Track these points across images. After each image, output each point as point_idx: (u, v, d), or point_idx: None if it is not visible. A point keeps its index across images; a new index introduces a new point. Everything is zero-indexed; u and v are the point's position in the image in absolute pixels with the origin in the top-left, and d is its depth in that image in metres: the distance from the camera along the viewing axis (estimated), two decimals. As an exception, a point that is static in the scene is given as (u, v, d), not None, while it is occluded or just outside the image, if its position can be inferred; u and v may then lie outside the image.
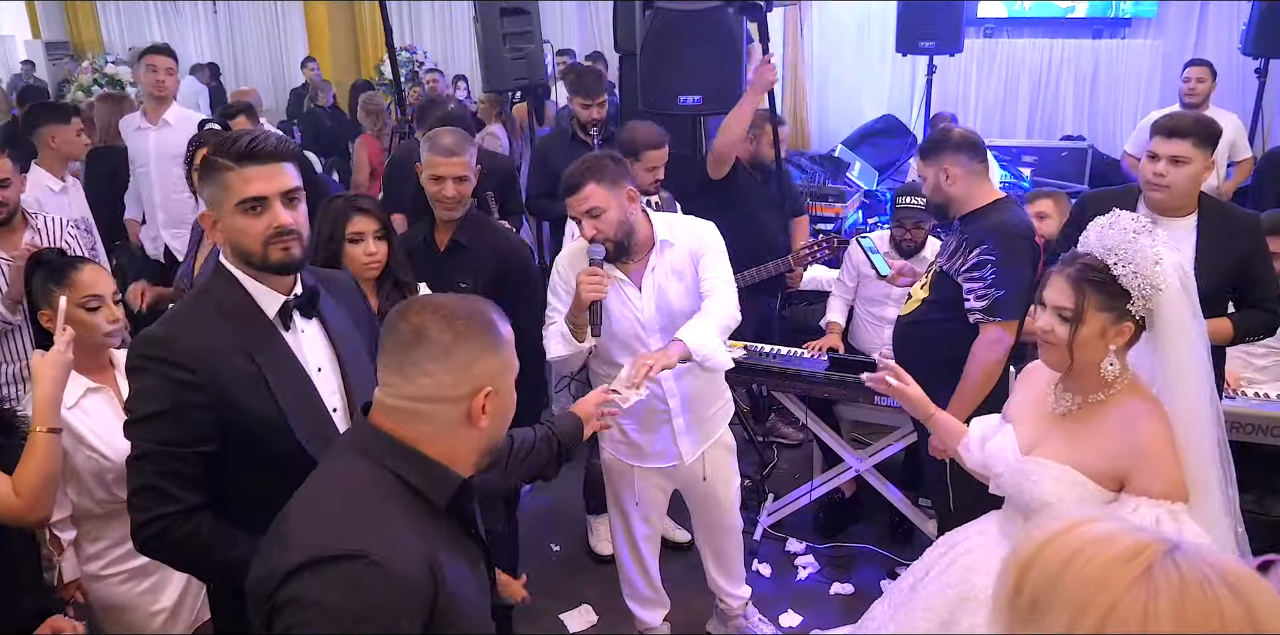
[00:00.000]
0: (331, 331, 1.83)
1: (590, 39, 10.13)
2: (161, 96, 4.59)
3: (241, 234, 1.69)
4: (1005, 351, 2.82)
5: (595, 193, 2.53)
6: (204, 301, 1.74)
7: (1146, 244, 1.82)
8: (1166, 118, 2.87)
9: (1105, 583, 0.85)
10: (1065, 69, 8.25)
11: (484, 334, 1.38)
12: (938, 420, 2.27)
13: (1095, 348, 1.86)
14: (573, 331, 2.55)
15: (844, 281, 4.07)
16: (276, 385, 1.70)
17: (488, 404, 1.38)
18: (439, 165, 2.85)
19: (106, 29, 13.07)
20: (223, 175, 1.67)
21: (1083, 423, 1.94)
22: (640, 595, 3.05)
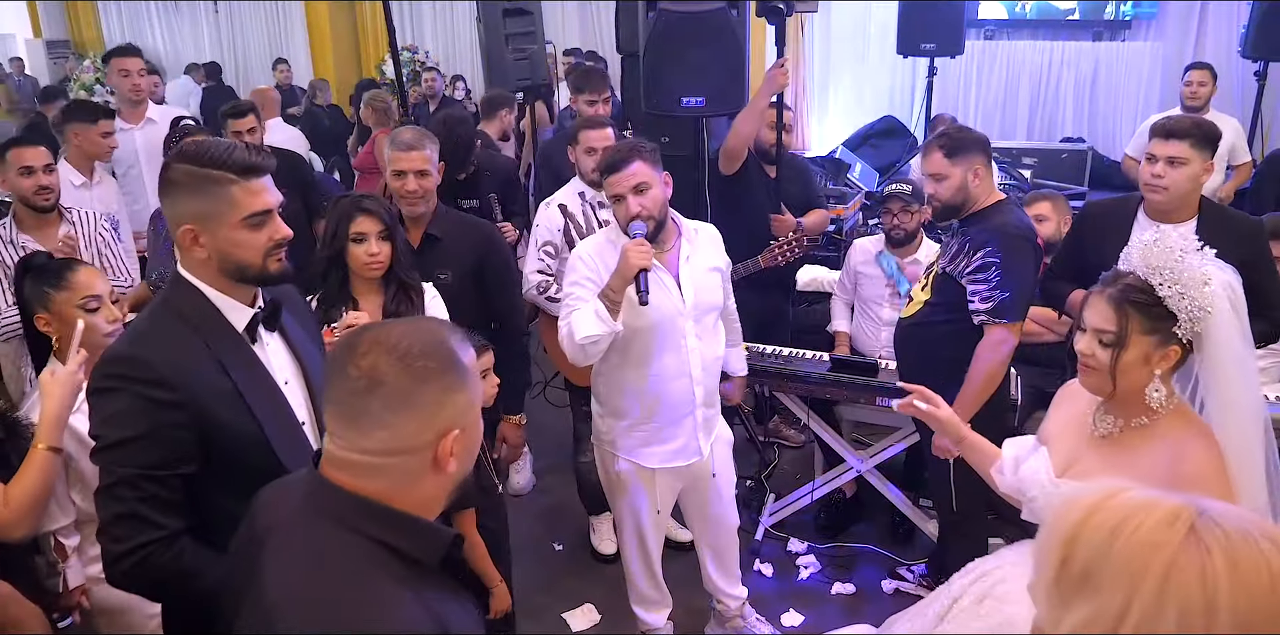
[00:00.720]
0: (293, 343, 1.81)
1: (591, 39, 10.15)
2: (139, 100, 4.57)
3: (242, 247, 1.65)
4: (1009, 353, 2.83)
5: (642, 169, 2.55)
6: (167, 316, 1.67)
7: (1195, 263, 1.70)
8: (1164, 119, 2.89)
9: (1158, 546, 0.86)
10: (1065, 71, 8.29)
11: (447, 372, 1.22)
12: (970, 443, 2.13)
13: (1139, 373, 1.74)
14: (609, 310, 2.51)
15: (844, 284, 4.08)
16: (253, 400, 1.67)
17: (455, 446, 1.24)
18: (399, 160, 2.91)
19: (107, 28, 13.09)
20: (225, 189, 1.61)
21: (1125, 447, 1.81)
22: (646, 598, 3.06)
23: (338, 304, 2.62)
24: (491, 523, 2.62)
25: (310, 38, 11.94)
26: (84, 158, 4.06)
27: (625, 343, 2.65)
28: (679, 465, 2.83)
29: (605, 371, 2.78)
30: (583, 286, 2.63)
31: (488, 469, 2.59)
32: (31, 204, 3.24)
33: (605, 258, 2.63)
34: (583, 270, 2.66)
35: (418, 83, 10.28)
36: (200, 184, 1.62)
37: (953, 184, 2.86)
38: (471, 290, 3.03)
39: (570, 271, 2.71)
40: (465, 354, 1.26)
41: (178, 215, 1.64)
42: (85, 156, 4.06)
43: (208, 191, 1.62)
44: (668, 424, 2.77)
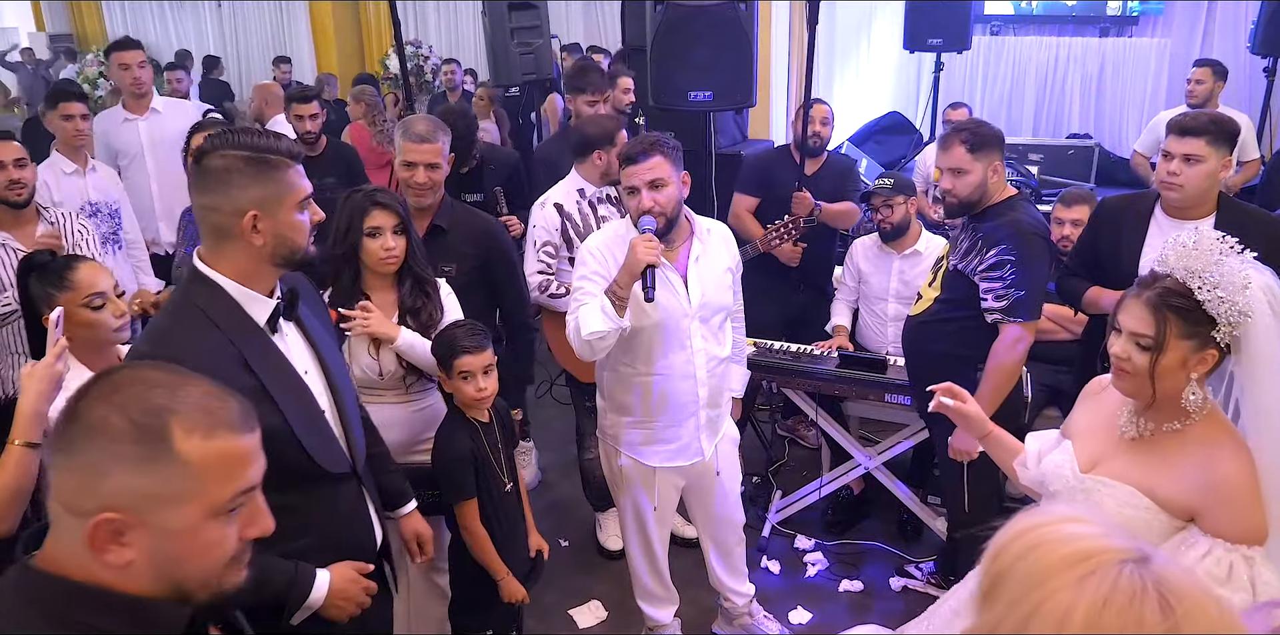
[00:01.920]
0: (309, 332, 1.82)
1: (596, 34, 10.12)
2: (143, 93, 4.52)
3: (299, 231, 1.69)
4: (1025, 351, 2.81)
5: (661, 164, 2.52)
6: (189, 313, 1.67)
7: (1234, 266, 1.66)
8: (1181, 116, 2.85)
9: (1044, 580, 0.87)
10: (1072, 67, 8.25)
11: (122, 439, 1.01)
12: (994, 438, 2.10)
13: (1176, 377, 1.71)
14: (615, 306, 2.49)
15: (846, 282, 4.06)
16: (278, 395, 1.68)
17: (125, 536, 1.01)
18: (410, 151, 2.87)
19: (110, 22, 13.06)
20: (283, 173, 1.65)
21: (1155, 450, 1.78)
22: (651, 594, 3.05)
23: (351, 300, 2.60)
24: (502, 521, 2.61)
25: (314, 33, 11.91)
26: (65, 144, 4.00)
27: (630, 340, 2.63)
28: (680, 465, 2.81)
29: (610, 367, 2.76)
30: (591, 281, 2.60)
31: (496, 468, 2.58)
32: (4, 200, 3.18)
33: (615, 252, 2.61)
34: (592, 264, 2.64)
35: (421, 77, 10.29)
36: (262, 168, 1.64)
37: (972, 180, 2.82)
38: (476, 283, 3.01)
39: (580, 265, 2.68)
40: (193, 440, 1.03)
41: (239, 202, 1.64)
42: (63, 143, 4.00)
43: (269, 176, 1.65)
44: (671, 424, 2.75)
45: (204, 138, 1.72)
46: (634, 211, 2.57)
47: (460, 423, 2.54)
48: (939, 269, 3.07)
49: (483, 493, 2.54)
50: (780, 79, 8.69)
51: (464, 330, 2.50)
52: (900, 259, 3.82)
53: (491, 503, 2.56)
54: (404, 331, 2.56)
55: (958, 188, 2.85)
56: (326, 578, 1.75)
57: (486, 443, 2.56)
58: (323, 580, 1.74)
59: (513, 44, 5.00)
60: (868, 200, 3.86)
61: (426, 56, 10.69)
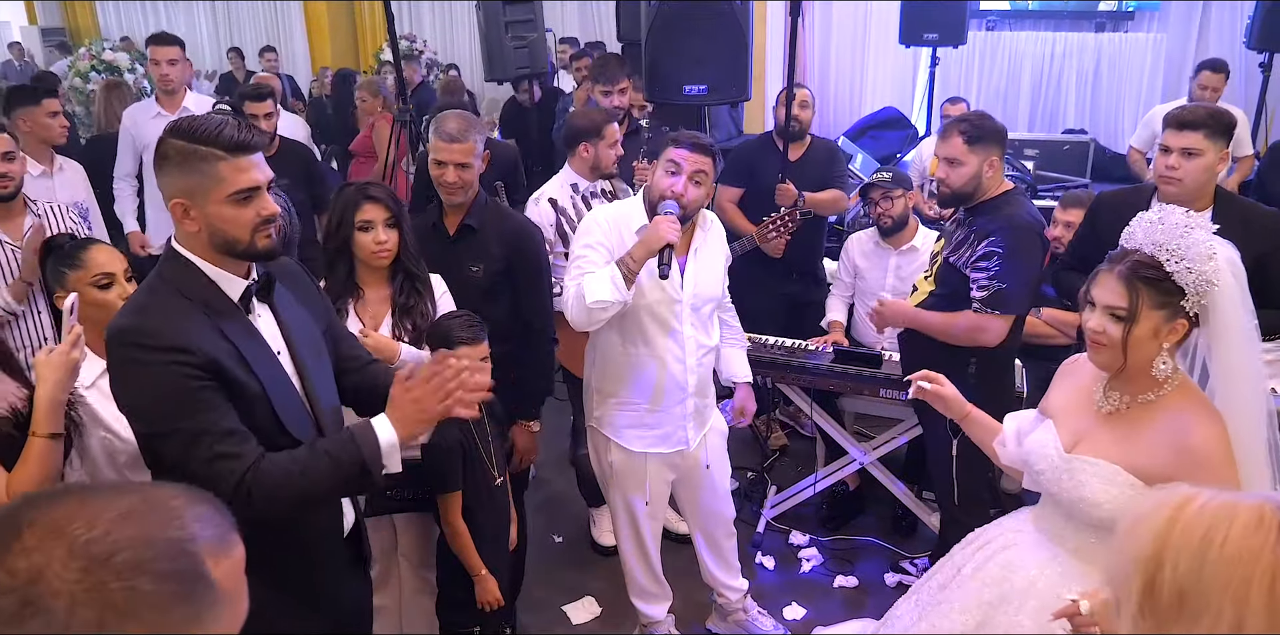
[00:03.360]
0: (281, 317, 1.84)
1: (591, 28, 10.09)
2: (170, 90, 4.50)
3: (230, 223, 1.68)
4: (983, 340, 2.80)
5: (709, 165, 2.59)
6: (163, 289, 1.71)
7: (1200, 238, 1.74)
8: (1178, 110, 2.84)
9: (1254, 553, 0.83)
10: (1068, 62, 8.24)
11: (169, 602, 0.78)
12: (973, 419, 2.19)
13: (1148, 347, 1.79)
14: (625, 278, 2.49)
15: (841, 278, 4.04)
16: (255, 362, 1.72)
17: None
18: (440, 150, 2.83)
19: (103, 15, 13.00)
20: (212, 165, 1.64)
21: (1131, 422, 1.86)
22: (644, 590, 3.04)
23: (344, 296, 2.58)
24: (489, 516, 2.59)
25: (308, 28, 11.87)
26: (37, 144, 3.88)
27: (623, 320, 2.64)
28: (664, 451, 2.81)
29: (601, 347, 2.77)
30: (595, 250, 2.61)
31: (486, 463, 2.56)
32: None
33: (621, 227, 2.63)
34: (597, 234, 2.64)
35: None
36: (189, 159, 1.64)
37: (966, 172, 2.82)
38: (503, 285, 2.90)
39: (584, 234, 2.67)
40: (222, 563, 0.82)
41: (169, 189, 1.68)
42: (39, 142, 3.90)
43: (195, 167, 1.65)
44: (657, 409, 2.75)
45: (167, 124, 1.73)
46: (662, 189, 2.57)
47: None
48: (935, 262, 3.06)
49: (471, 485, 2.52)
50: (775, 73, 8.69)
51: (460, 321, 2.49)
52: (897, 255, 3.80)
53: (479, 496, 2.55)
54: (403, 349, 2.53)
55: (951, 178, 2.85)
56: (382, 418, 1.72)
57: (476, 434, 2.54)
58: (380, 421, 1.71)
59: (507, 38, 4.97)
60: (866, 194, 3.84)
61: (420, 51, 10.65)
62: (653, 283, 2.58)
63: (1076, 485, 1.87)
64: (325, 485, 1.69)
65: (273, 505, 1.65)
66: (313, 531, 1.87)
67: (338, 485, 1.71)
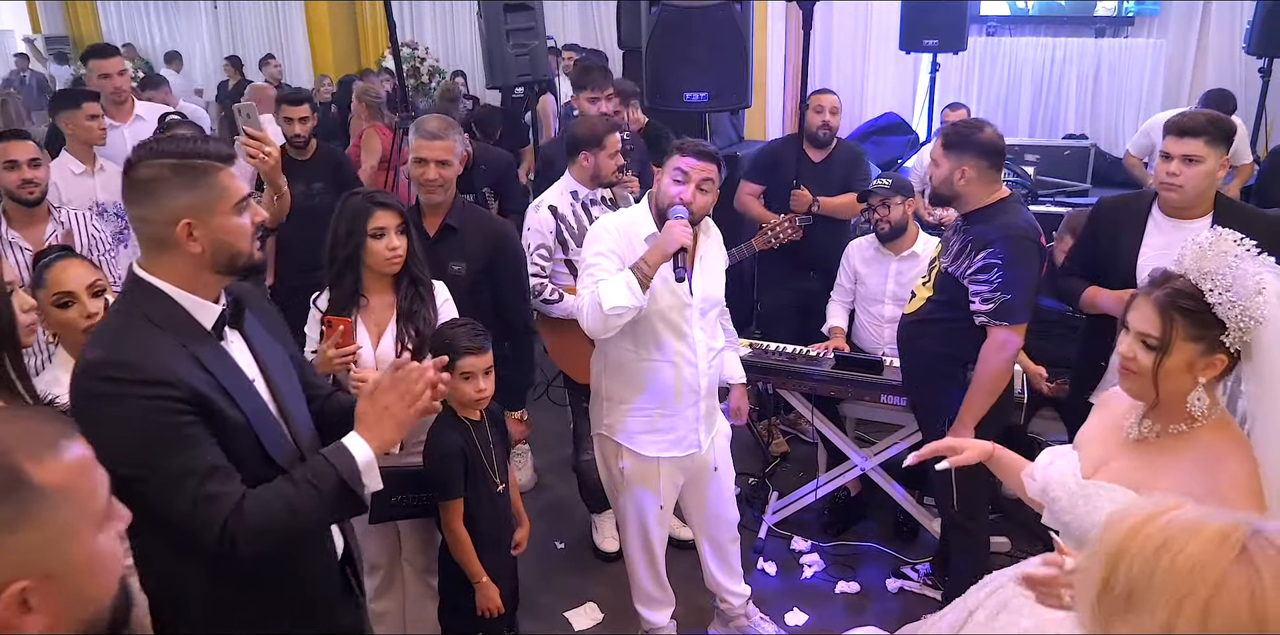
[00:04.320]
0: (253, 343, 1.79)
1: (592, 35, 10.12)
2: (121, 101, 4.51)
3: (238, 235, 1.65)
4: (1013, 354, 2.81)
5: (715, 172, 2.62)
6: (132, 318, 1.62)
7: (1250, 270, 1.62)
8: (1178, 116, 2.85)
9: (1204, 566, 0.84)
10: (1068, 68, 8.24)
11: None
12: (997, 457, 2.05)
13: (1181, 380, 1.68)
14: (640, 284, 2.51)
15: (842, 284, 4.04)
16: (235, 392, 1.65)
17: (34, 597, 0.93)
18: (422, 148, 2.91)
19: (106, 24, 13.05)
20: (214, 177, 1.61)
21: (1160, 452, 1.75)
22: (650, 597, 3.04)
23: (350, 304, 2.59)
24: (491, 523, 2.60)
25: (310, 34, 11.90)
26: (80, 145, 4.01)
27: (634, 326, 2.65)
28: (677, 455, 2.82)
29: (611, 354, 2.77)
30: (607, 258, 2.63)
31: (488, 470, 2.57)
32: (17, 198, 3.22)
33: (630, 235, 2.65)
34: (608, 241, 2.66)
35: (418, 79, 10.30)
36: (189, 175, 1.60)
37: (940, 174, 2.87)
38: (484, 284, 3.02)
39: (594, 242, 2.69)
40: (46, 467, 0.96)
41: (169, 210, 1.59)
42: (80, 143, 4.01)
43: (199, 181, 1.60)
44: (670, 413, 2.77)
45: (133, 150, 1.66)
46: (670, 197, 2.59)
47: (452, 421, 2.53)
48: (933, 268, 3.07)
49: (472, 492, 2.53)
50: (776, 79, 8.71)
51: (465, 331, 2.50)
52: (897, 261, 3.80)
53: (480, 503, 2.56)
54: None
55: (933, 176, 2.92)
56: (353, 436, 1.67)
57: (478, 441, 2.55)
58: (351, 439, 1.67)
59: (508, 45, 4.99)
60: (865, 200, 3.85)
61: (423, 58, 10.69)
62: (664, 288, 2.61)
63: (1091, 511, 1.78)
64: (313, 516, 1.64)
65: (257, 546, 1.59)
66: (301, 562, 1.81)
67: (325, 513, 1.66)
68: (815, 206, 4.07)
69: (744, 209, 4.51)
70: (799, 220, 3.85)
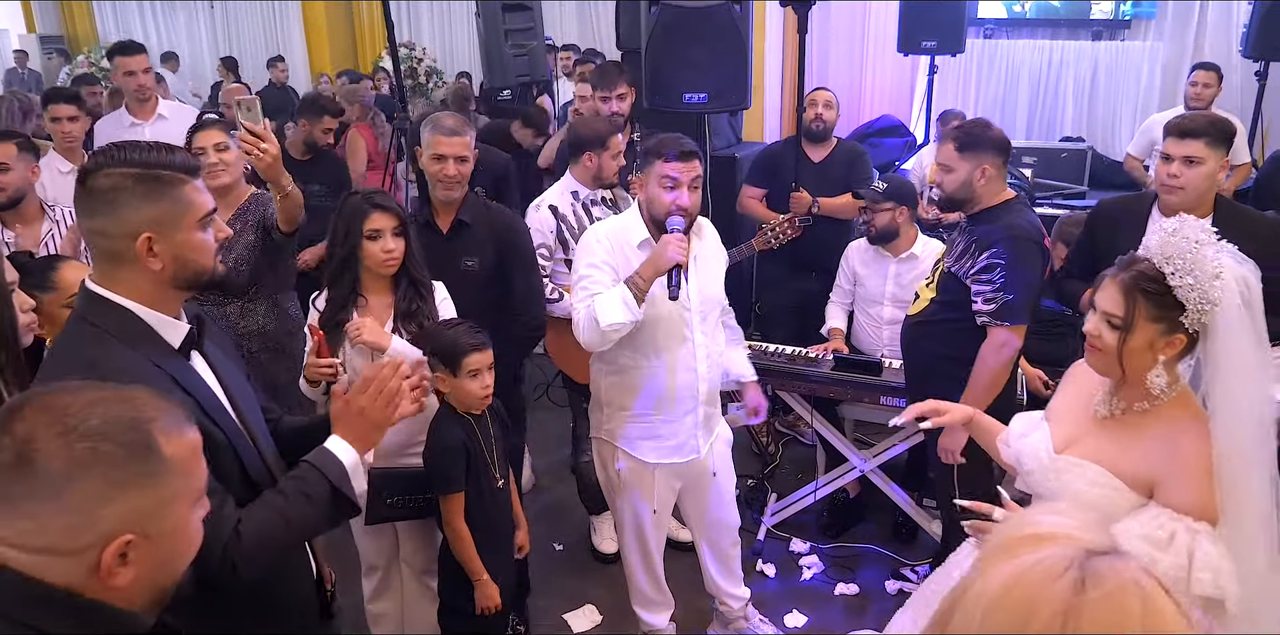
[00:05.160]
0: (213, 363, 1.71)
1: (590, 36, 10.12)
2: (146, 98, 4.51)
3: (200, 251, 1.57)
4: (1013, 355, 2.81)
5: (699, 168, 2.60)
6: (96, 337, 1.52)
7: (1209, 255, 1.71)
8: (1179, 118, 2.86)
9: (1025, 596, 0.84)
10: (1065, 70, 8.25)
11: (125, 461, 1.04)
12: (977, 422, 2.19)
13: (1143, 358, 1.78)
14: (636, 298, 2.49)
15: (841, 286, 4.04)
16: (212, 412, 1.60)
17: (132, 553, 1.04)
18: (441, 144, 2.90)
19: (101, 23, 13.02)
20: (179, 189, 1.52)
21: (1125, 428, 1.86)
22: (648, 599, 3.03)
23: (348, 304, 2.59)
24: (492, 518, 2.59)
25: (307, 35, 11.88)
26: (60, 144, 4.02)
27: (634, 334, 2.62)
28: (676, 462, 2.80)
29: (610, 361, 2.75)
30: (600, 269, 2.61)
31: (489, 464, 2.56)
32: None
33: (621, 243, 2.63)
34: (600, 253, 2.63)
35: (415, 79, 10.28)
36: (153, 186, 1.50)
37: (957, 178, 2.84)
38: (497, 278, 3.01)
39: (586, 253, 2.67)
40: (172, 441, 1.07)
41: (130, 223, 1.50)
42: (56, 144, 4.02)
43: (163, 193, 1.51)
44: (670, 419, 2.75)
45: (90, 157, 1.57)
46: (666, 205, 2.56)
47: (453, 416, 2.53)
48: (936, 269, 3.07)
49: (473, 487, 2.52)
50: (774, 81, 8.70)
51: (464, 329, 2.50)
52: (896, 263, 3.80)
53: (481, 499, 2.55)
54: (395, 340, 2.55)
55: (945, 183, 2.89)
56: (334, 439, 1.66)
57: (480, 435, 2.54)
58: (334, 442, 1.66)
59: (506, 46, 4.98)
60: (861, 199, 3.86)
61: (420, 58, 10.67)
62: (663, 294, 2.57)
63: (1062, 485, 1.89)
64: (311, 526, 1.62)
65: (258, 566, 1.55)
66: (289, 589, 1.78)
67: (322, 522, 1.63)
68: (815, 207, 4.09)
69: (747, 212, 4.52)
70: (799, 220, 3.85)
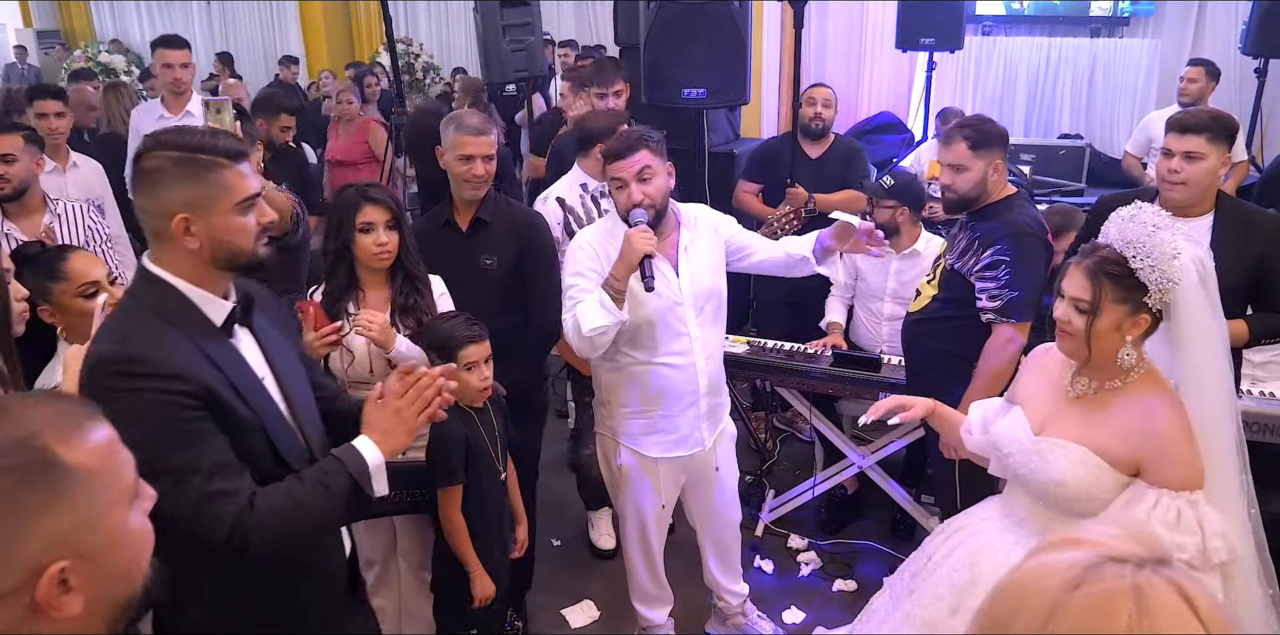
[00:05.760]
0: (263, 341, 1.77)
1: (588, 32, 10.10)
2: (180, 92, 4.54)
3: (240, 234, 1.63)
4: (1018, 352, 2.80)
5: (647, 157, 2.54)
6: (141, 313, 1.61)
7: (1166, 238, 1.81)
8: (1180, 113, 2.85)
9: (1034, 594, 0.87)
10: (1063, 67, 8.24)
11: (22, 487, 0.93)
12: (939, 414, 2.27)
13: (1111, 339, 1.87)
14: (613, 299, 2.48)
15: (843, 279, 4.02)
16: (244, 390, 1.64)
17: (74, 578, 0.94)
18: (468, 144, 2.85)
19: (98, 18, 12.99)
20: (218, 174, 1.59)
21: (1099, 407, 1.94)
22: (648, 595, 3.03)
23: (345, 297, 2.58)
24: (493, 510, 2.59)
25: (304, 32, 11.85)
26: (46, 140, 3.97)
27: (628, 331, 2.62)
28: (680, 455, 2.80)
29: (609, 358, 2.74)
30: (585, 277, 2.59)
31: (491, 456, 2.56)
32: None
33: (605, 247, 2.61)
34: (584, 260, 2.62)
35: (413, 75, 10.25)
36: (191, 169, 1.58)
37: (972, 177, 2.81)
38: (516, 277, 2.96)
39: (571, 262, 2.67)
40: (75, 448, 0.96)
41: (167, 204, 1.59)
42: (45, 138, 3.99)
43: (200, 177, 1.58)
44: (671, 413, 2.74)
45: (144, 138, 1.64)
46: (624, 205, 2.56)
47: (454, 409, 2.51)
48: (939, 266, 3.06)
49: (474, 479, 2.52)
50: (772, 77, 8.70)
51: (460, 321, 2.49)
52: (898, 259, 3.78)
53: (482, 490, 2.54)
54: (400, 341, 2.55)
55: (957, 184, 2.84)
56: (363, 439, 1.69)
57: (482, 427, 2.54)
58: (362, 442, 1.68)
59: (504, 41, 4.97)
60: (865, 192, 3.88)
61: (418, 54, 10.65)
62: (656, 290, 2.54)
63: (1045, 466, 1.94)
64: (324, 516, 1.65)
65: (267, 546, 1.58)
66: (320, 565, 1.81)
67: (336, 514, 1.67)
68: (811, 203, 4.08)
69: (743, 207, 4.52)
70: (804, 211, 3.87)
